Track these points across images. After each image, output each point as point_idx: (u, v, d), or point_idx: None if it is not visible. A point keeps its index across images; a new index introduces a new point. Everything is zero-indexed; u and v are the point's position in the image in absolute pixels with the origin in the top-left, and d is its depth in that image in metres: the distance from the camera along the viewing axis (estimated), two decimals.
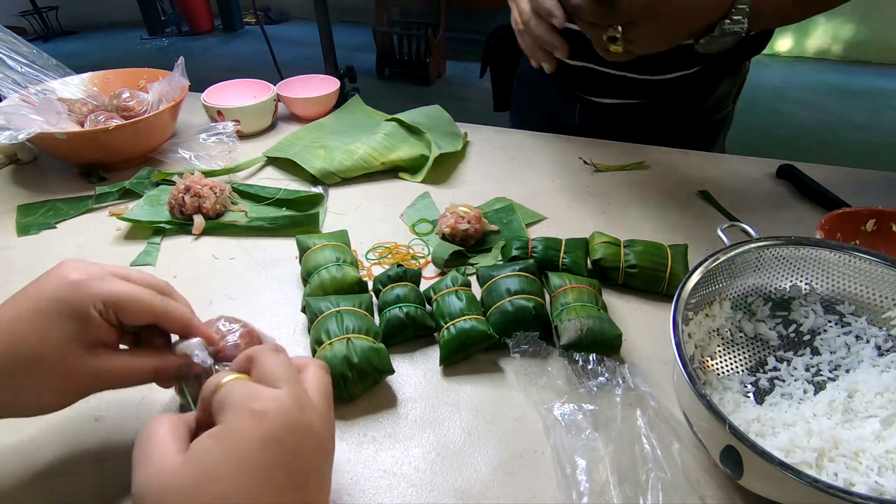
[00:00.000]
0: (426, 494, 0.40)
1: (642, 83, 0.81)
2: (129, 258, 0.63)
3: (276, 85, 0.93)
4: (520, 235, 0.66)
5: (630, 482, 0.39)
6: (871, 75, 3.75)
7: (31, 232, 0.67)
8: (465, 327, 0.49)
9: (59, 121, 0.75)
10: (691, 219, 0.70)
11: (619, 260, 0.58)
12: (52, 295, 0.34)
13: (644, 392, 0.46)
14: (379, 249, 0.65)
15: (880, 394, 0.41)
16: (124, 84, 0.87)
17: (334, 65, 1.19)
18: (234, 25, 4.59)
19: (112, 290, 0.36)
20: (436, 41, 3.43)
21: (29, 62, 0.81)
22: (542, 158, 0.84)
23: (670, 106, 0.84)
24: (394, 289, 0.53)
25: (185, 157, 0.80)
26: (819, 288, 0.49)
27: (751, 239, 0.49)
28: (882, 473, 0.36)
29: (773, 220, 0.70)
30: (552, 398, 0.46)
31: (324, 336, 0.47)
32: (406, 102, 0.96)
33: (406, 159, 0.80)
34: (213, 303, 0.57)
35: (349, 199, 0.75)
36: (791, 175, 0.77)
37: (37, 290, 0.35)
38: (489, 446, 0.43)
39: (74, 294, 0.34)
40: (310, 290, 0.55)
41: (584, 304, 0.51)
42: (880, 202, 0.62)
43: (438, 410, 0.46)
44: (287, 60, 1.29)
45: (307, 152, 0.81)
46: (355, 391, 0.46)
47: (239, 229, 0.68)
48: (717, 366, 0.48)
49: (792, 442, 0.38)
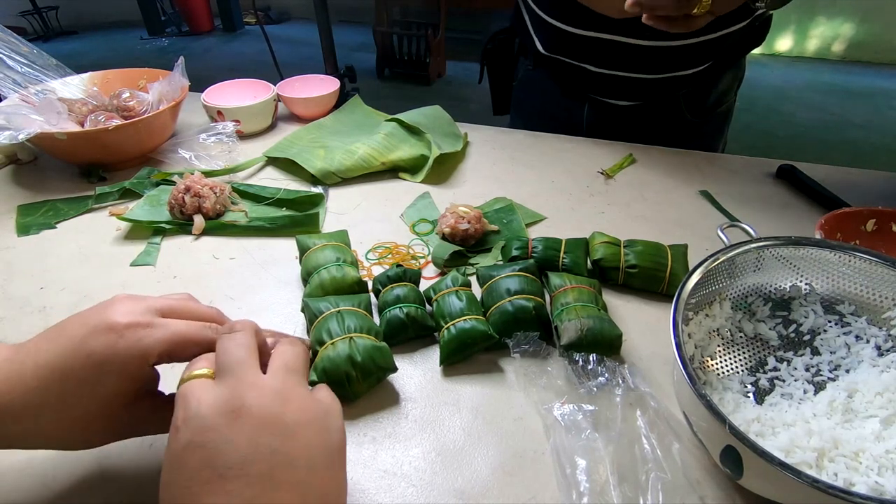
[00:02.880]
0: (426, 494, 0.40)
1: (654, 82, 0.81)
2: (129, 258, 0.63)
3: (276, 85, 0.93)
4: (520, 235, 0.66)
5: (630, 482, 0.39)
6: (871, 75, 3.76)
7: (31, 232, 0.67)
8: (465, 327, 0.49)
9: (59, 121, 0.75)
10: (691, 219, 0.70)
11: (619, 260, 0.58)
12: (103, 345, 0.32)
13: (644, 392, 0.46)
14: (379, 249, 0.65)
15: (880, 394, 0.41)
16: (124, 84, 0.87)
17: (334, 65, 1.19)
18: (234, 25, 4.59)
19: (166, 338, 0.33)
20: (436, 41, 3.43)
21: (29, 62, 0.81)
22: (542, 158, 0.84)
23: (678, 103, 0.84)
24: (394, 289, 0.54)
25: (185, 157, 0.80)
26: (819, 288, 0.49)
27: (751, 239, 0.49)
28: (882, 473, 0.36)
29: (773, 220, 0.70)
30: (552, 398, 0.46)
31: (325, 336, 0.47)
32: (406, 102, 0.96)
33: (406, 159, 0.80)
34: (213, 303, 0.57)
35: (349, 199, 0.75)
36: (791, 175, 0.77)
37: (83, 331, 0.33)
38: (489, 446, 0.43)
39: (124, 347, 0.32)
40: (310, 291, 0.55)
41: (584, 305, 0.51)
42: (880, 202, 0.62)
43: (438, 410, 0.46)
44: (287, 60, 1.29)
45: (307, 152, 0.81)
46: (359, 390, 0.46)
47: (239, 229, 0.68)
48: (717, 366, 0.48)
49: (792, 442, 0.38)
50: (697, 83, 0.82)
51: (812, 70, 3.87)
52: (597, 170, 0.80)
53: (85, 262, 0.63)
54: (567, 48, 0.83)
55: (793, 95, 3.42)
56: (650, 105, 0.85)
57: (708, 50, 0.77)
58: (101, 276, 0.61)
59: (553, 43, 0.85)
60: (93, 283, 0.60)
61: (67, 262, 0.63)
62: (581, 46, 0.80)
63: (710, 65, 0.80)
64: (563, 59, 0.85)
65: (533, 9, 0.85)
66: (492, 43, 0.99)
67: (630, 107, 0.86)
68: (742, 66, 0.88)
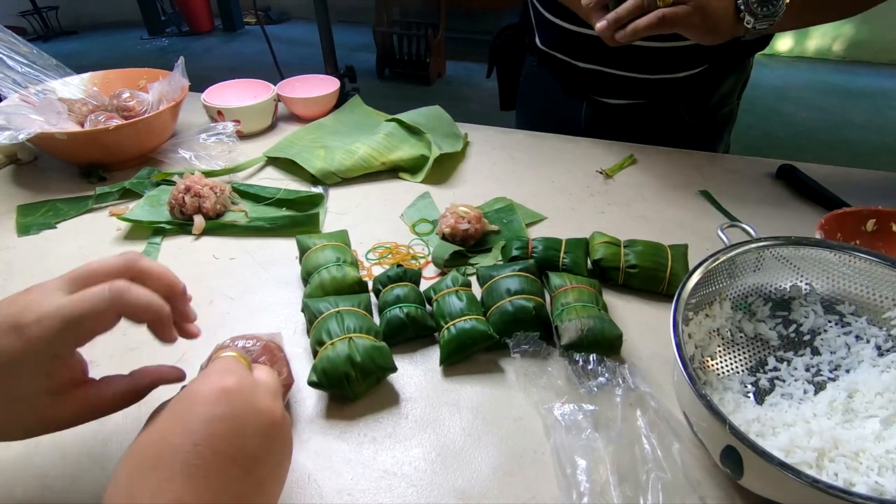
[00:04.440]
0: (426, 494, 0.40)
1: (651, 83, 0.81)
2: None
3: (276, 85, 0.93)
4: (520, 235, 0.66)
5: (630, 482, 0.39)
6: (871, 75, 3.75)
7: (31, 232, 0.67)
8: (465, 327, 0.49)
9: (59, 121, 0.75)
10: (691, 219, 0.70)
11: (620, 260, 0.58)
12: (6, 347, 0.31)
13: (644, 392, 0.46)
14: (379, 249, 0.65)
15: (880, 394, 0.41)
16: (124, 84, 0.87)
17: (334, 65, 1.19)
18: (234, 25, 4.59)
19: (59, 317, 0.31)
20: (436, 41, 3.43)
21: (29, 62, 0.81)
22: (542, 158, 0.84)
23: (676, 104, 0.84)
24: (394, 289, 0.54)
25: (185, 157, 0.80)
26: (819, 288, 0.49)
27: (751, 239, 0.49)
28: (882, 473, 0.36)
29: (773, 220, 0.70)
30: (552, 398, 0.46)
31: (325, 336, 0.47)
32: (406, 102, 0.96)
33: (406, 159, 0.80)
34: (214, 303, 0.57)
35: (349, 199, 0.75)
36: (791, 175, 0.77)
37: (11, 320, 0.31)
38: (489, 446, 0.43)
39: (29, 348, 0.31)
40: (310, 291, 0.55)
41: (584, 305, 0.51)
42: (880, 202, 0.62)
43: (439, 410, 0.46)
44: (287, 60, 1.29)
45: (307, 152, 0.81)
46: (359, 390, 0.46)
47: (239, 229, 0.68)
48: (717, 366, 0.48)
49: (792, 442, 0.38)
50: (697, 85, 0.82)
51: (812, 70, 3.87)
52: (596, 169, 0.80)
53: (85, 262, 0.62)
54: (564, 45, 0.84)
55: (793, 95, 3.42)
56: (648, 105, 0.85)
57: (703, 52, 0.77)
58: None
59: (552, 39, 0.85)
60: None
61: (67, 262, 0.63)
62: (578, 44, 0.81)
63: (709, 67, 0.80)
64: (559, 55, 0.85)
65: (536, 6, 0.85)
66: (500, 39, 0.99)
67: (628, 106, 0.86)
68: (746, 69, 0.87)
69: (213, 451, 0.28)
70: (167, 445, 0.28)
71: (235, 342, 0.43)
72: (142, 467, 0.28)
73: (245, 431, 0.30)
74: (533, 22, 0.89)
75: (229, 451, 0.29)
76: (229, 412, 0.30)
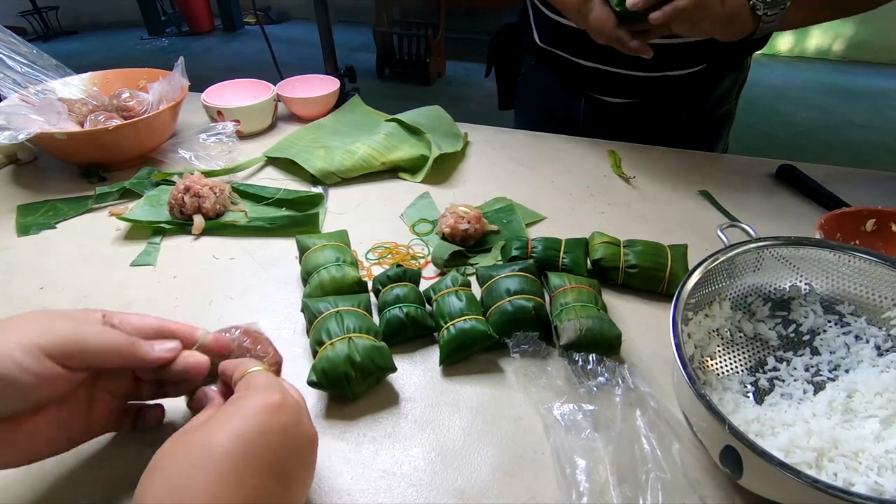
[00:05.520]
0: (426, 494, 0.40)
1: (649, 80, 0.81)
2: (128, 258, 0.63)
3: (276, 85, 0.93)
4: (520, 235, 0.66)
5: (630, 482, 0.39)
6: (871, 75, 3.75)
7: (31, 232, 0.67)
8: (465, 327, 0.49)
9: (59, 121, 0.75)
10: (691, 219, 0.70)
11: (619, 260, 0.58)
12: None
13: (644, 392, 0.46)
14: (379, 249, 0.65)
15: (880, 394, 0.41)
16: (124, 84, 0.87)
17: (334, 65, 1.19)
18: (234, 25, 4.59)
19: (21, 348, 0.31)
20: (436, 41, 3.43)
21: (29, 62, 0.81)
22: (542, 158, 0.84)
23: (674, 104, 0.84)
24: (393, 289, 0.53)
25: (185, 157, 0.80)
26: (819, 288, 0.49)
27: (751, 239, 0.49)
28: (882, 473, 0.36)
29: (772, 220, 0.70)
30: (552, 398, 0.46)
31: (324, 336, 0.47)
32: (406, 102, 0.96)
33: (406, 159, 0.80)
34: (214, 303, 0.57)
35: (349, 199, 0.75)
36: (791, 175, 0.77)
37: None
38: (489, 446, 0.43)
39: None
40: (309, 291, 0.55)
41: (583, 305, 0.51)
42: (880, 202, 0.62)
43: (438, 410, 0.46)
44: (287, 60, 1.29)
45: (307, 152, 0.81)
46: (359, 390, 0.46)
47: (239, 229, 0.68)
48: (717, 366, 0.48)
49: (792, 442, 0.38)
50: (695, 84, 0.82)
51: (812, 70, 3.87)
52: (603, 173, 0.80)
53: (85, 262, 0.63)
54: (563, 41, 0.84)
55: (793, 95, 3.42)
56: (646, 105, 0.85)
57: (700, 50, 0.77)
58: (100, 276, 0.61)
59: (550, 36, 0.85)
60: (93, 284, 0.60)
61: (67, 262, 0.63)
62: (575, 40, 0.80)
63: (707, 66, 0.80)
64: (558, 52, 0.85)
65: (535, 3, 0.86)
66: (499, 38, 0.99)
67: (625, 105, 0.86)
68: (744, 69, 0.87)
69: (261, 462, 0.29)
70: (218, 449, 0.29)
71: (218, 336, 0.43)
72: (191, 467, 0.28)
73: (290, 447, 0.31)
74: (532, 20, 0.90)
75: (275, 465, 0.30)
76: (279, 427, 0.31)
